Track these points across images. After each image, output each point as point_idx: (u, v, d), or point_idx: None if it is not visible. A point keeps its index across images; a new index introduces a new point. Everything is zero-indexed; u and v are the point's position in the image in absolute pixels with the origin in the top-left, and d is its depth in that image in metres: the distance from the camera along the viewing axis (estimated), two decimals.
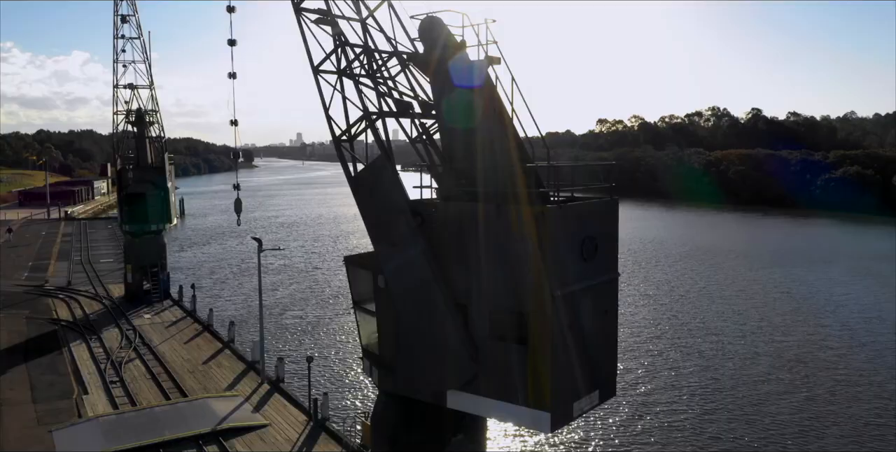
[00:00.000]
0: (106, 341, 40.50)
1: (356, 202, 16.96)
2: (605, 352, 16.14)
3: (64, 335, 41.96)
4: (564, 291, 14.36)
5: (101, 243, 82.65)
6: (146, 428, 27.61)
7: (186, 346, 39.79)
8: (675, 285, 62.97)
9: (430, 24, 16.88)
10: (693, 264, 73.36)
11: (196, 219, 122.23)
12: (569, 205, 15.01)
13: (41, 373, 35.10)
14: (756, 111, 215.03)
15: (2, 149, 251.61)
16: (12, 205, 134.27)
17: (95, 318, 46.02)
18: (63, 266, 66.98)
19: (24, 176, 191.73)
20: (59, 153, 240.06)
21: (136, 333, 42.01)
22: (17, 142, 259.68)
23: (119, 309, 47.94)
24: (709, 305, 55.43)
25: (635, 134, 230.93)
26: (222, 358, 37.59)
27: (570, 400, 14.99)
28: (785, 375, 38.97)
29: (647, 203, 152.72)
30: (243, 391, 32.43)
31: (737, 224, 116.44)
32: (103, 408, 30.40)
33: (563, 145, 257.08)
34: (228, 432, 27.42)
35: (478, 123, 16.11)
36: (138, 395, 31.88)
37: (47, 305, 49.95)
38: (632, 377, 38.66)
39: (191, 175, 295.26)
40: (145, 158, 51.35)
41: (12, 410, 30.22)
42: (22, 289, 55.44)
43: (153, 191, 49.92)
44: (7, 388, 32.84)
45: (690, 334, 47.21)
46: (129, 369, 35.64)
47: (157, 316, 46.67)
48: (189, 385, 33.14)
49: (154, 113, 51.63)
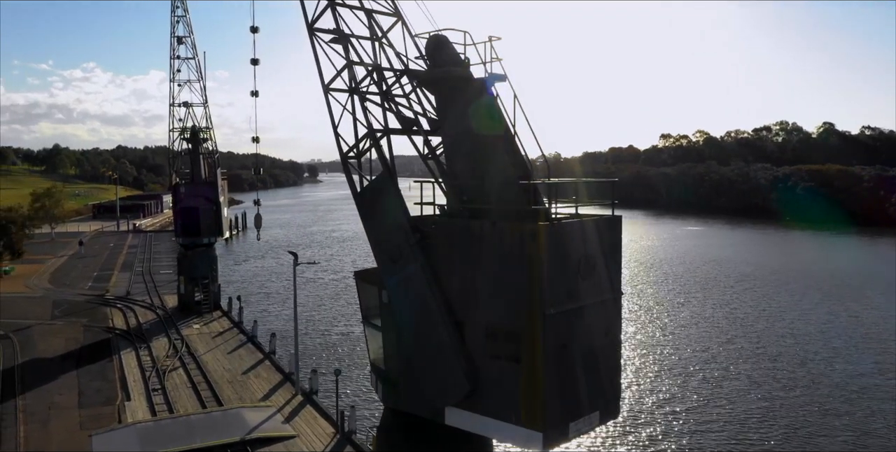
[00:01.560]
0: (154, 349, 41.88)
1: (360, 217, 17.26)
2: (606, 373, 15.86)
3: (116, 343, 43.59)
4: (558, 310, 14.23)
5: (162, 255, 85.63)
6: (179, 435, 28.41)
7: (229, 356, 40.80)
8: (734, 307, 61.09)
9: (436, 42, 17.11)
10: (753, 285, 70.95)
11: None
12: (563, 223, 14.89)
13: (90, 379, 36.56)
14: (828, 125, 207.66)
15: (81, 165, 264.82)
16: (86, 218, 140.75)
17: (148, 327, 47.68)
18: (125, 276, 69.77)
19: (100, 190, 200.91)
20: (133, 168, 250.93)
21: (183, 342, 43.31)
22: (96, 157, 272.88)
23: (171, 319, 49.54)
24: (767, 328, 53.51)
25: (700, 149, 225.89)
26: (261, 368, 38.38)
27: (565, 420, 14.79)
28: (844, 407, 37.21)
29: (710, 220, 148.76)
30: (277, 402, 33.01)
31: (803, 243, 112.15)
32: (142, 415, 31.43)
33: (626, 161, 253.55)
34: (256, 442, 27.94)
35: (478, 141, 16.20)
36: (177, 403, 32.84)
37: (105, 314, 52.03)
38: (664, 400, 37.63)
39: (257, 189, 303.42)
40: (199, 174, 53.21)
41: (59, 414, 31.57)
42: (84, 299, 57.96)
43: (205, 205, 51.61)
44: (57, 393, 34.34)
45: (743, 358, 45.66)
46: (172, 377, 36.75)
47: (205, 327, 48.05)
48: (226, 395, 33.94)
49: (207, 130, 53.53)
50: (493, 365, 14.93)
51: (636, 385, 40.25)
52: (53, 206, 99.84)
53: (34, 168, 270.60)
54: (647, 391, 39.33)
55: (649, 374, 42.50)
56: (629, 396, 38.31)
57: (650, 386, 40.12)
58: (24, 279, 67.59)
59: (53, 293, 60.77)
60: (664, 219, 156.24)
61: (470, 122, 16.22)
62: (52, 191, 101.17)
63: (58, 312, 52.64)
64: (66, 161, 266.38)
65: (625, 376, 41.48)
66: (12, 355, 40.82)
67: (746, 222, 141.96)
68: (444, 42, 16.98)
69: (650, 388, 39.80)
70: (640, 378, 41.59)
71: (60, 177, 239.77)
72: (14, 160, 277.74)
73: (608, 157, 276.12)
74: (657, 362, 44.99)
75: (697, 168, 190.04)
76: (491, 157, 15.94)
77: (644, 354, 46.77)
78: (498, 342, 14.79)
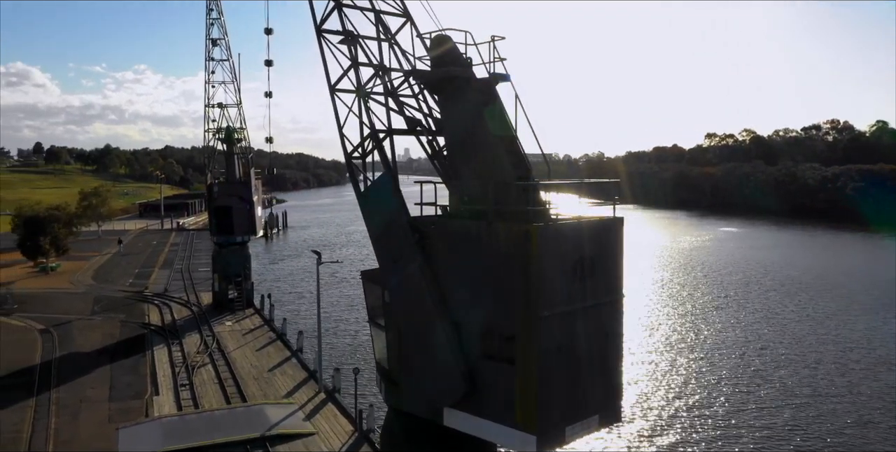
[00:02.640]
0: (186, 345, 42.79)
1: (363, 217, 17.34)
2: (606, 376, 15.62)
3: (150, 338, 44.68)
4: (553, 312, 14.06)
5: (203, 253, 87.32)
6: (202, 430, 28.94)
7: (257, 354, 41.43)
8: (774, 312, 59.60)
9: (440, 42, 17.07)
10: (797, 289, 69.09)
11: (297, 232, 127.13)
12: (559, 224, 14.69)
13: (122, 374, 37.55)
14: (881, 124, 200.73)
15: (131, 165, 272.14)
16: (133, 216, 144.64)
17: (182, 324, 48.74)
18: (164, 274, 71.46)
19: (148, 189, 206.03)
20: (180, 167, 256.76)
21: (214, 339, 44.13)
22: (144, 157, 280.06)
23: (205, 316, 50.52)
24: (807, 334, 52.08)
25: (746, 148, 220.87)
26: (287, 366, 38.88)
27: (561, 424, 14.61)
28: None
29: (755, 221, 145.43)
30: (300, 399, 33.39)
31: (853, 245, 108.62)
32: (169, 409, 32.14)
33: (669, 160, 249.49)
34: (276, 438, 28.29)
35: (478, 141, 16.11)
36: (202, 398, 33.49)
37: (142, 310, 53.35)
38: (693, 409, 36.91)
39: (300, 189, 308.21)
40: (233, 173, 54.17)
41: (90, 407, 32.49)
42: (124, 295, 59.54)
43: (239, 204, 52.50)
44: (90, 387, 35.35)
45: (779, 365, 44.54)
46: (201, 373, 37.49)
47: (237, 324, 48.90)
48: (251, 391, 34.47)
49: (241, 130, 54.46)
50: (488, 366, 14.84)
51: (663, 390, 39.59)
52: (100, 205, 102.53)
53: (86, 167, 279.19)
54: (674, 397, 38.64)
55: (678, 379, 41.74)
56: (655, 402, 37.71)
57: (678, 392, 39.40)
58: (69, 275, 69.75)
59: (95, 289, 62.57)
60: (707, 219, 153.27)
61: (470, 122, 16.15)
62: (98, 189, 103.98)
63: (97, 308, 54.18)
64: (115, 161, 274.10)
65: (653, 381, 40.88)
66: (52, 349, 42.17)
67: (794, 223, 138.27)
68: (447, 42, 16.93)
69: (677, 394, 39.09)
70: (669, 383, 40.89)
71: (111, 176, 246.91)
72: (68, 160, 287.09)
73: (651, 157, 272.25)
74: (687, 366, 44.16)
75: (743, 167, 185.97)
76: (490, 158, 15.83)
77: (674, 359, 45.97)
78: (493, 343, 14.70)
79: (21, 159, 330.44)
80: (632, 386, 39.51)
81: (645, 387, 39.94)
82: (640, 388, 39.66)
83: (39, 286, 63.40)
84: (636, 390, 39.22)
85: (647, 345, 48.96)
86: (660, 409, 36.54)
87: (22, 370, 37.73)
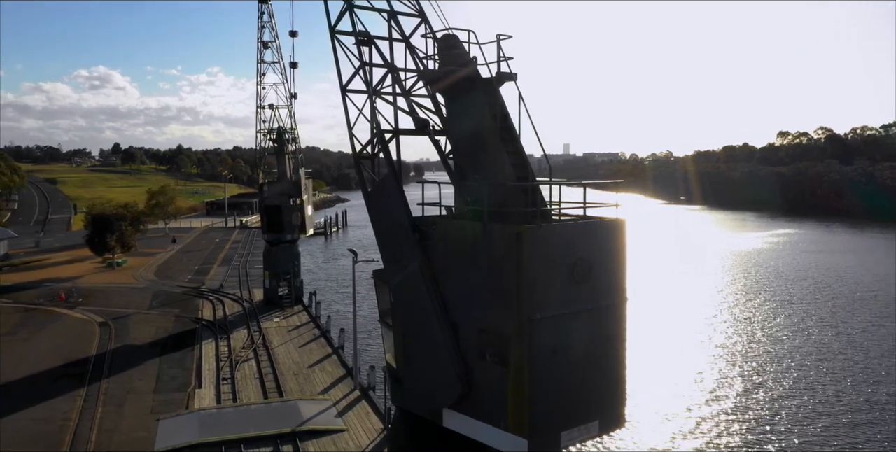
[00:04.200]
0: (233, 341, 43.98)
1: (369, 217, 17.46)
2: (607, 381, 15.24)
3: (201, 333, 46.10)
4: (546, 314, 13.83)
5: (261, 251, 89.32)
6: (236, 424, 29.73)
7: (300, 350, 42.21)
8: (842, 320, 57.12)
9: (447, 41, 17.00)
10: (871, 296, 65.98)
11: (355, 231, 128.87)
12: (553, 225, 14.41)
13: (170, 367, 38.85)
14: None
15: (202, 164, 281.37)
16: (200, 214, 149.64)
17: (232, 319, 50.11)
18: (222, 270, 73.59)
19: (217, 188, 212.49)
20: (248, 167, 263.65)
21: (260, 335, 45.22)
22: (215, 157, 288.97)
23: (254, 312, 51.80)
24: (876, 345, 49.73)
25: (821, 147, 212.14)
26: (327, 363, 39.47)
27: (556, 428, 14.34)
28: None
29: (828, 222, 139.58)
30: (335, 395, 33.87)
31: None
32: (208, 402, 33.10)
33: (739, 159, 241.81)
34: (306, 433, 28.80)
35: (480, 141, 15.97)
36: (241, 392, 34.35)
37: (196, 305, 55.09)
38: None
39: None
40: (284, 173, 55.35)
41: (136, 398, 33.75)
42: (181, 291, 61.62)
43: (288, 203, 53.61)
44: (137, 378, 36.73)
45: (841, 377, 42.69)
46: (243, 368, 38.45)
47: (284, 320, 49.94)
48: (289, 387, 35.15)
49: (292, 131, 55.59)
50: (483, 367, 14.70)
51: (713, 399, 38.48)
52: (167, 203, 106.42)
53: (160, 167, 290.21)
54: (728, 410, 37.49)
55: (730, 390, 40.48)
56: (702, 411, 36.68)
57: (730, 403, 38.22)
58: (134, 271, 72.62)
59: (156, 284, 64.97)
60: (778, 220, 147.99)
61: (473, 122, 16.03)
62: (165, 188, 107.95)
63: (155, 302, 56.24)
64: (187, 161, 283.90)
65: (700, 389, 39.75)
66: (108, 341, 44.02)
67: (871, 226, 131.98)
68: (454, 41, 16.84)
69: (732, 405, 37.92)
70: (719, 393, 39.71)
71: (183, 175, 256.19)
72: (143, 159, 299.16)
73: (720, 156, 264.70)
74: (735, 375, 42.77)
75: (816, 167, 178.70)
76: (491, 158, 15.68)
77: (725, 367, 44.60)
78: (488, 344, 14.54)
79: (101, 159, 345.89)
80: (679, 393, 38.55)
81: (691, 395, 38.89)
82: (684, 395, 38.63)
83: (104, 281, 66.24)
84: (684, 396, 38.24)
85: (700, 352, 47.65)
86: (710, 419, 35.53)
87: (78, 360, 39.49)
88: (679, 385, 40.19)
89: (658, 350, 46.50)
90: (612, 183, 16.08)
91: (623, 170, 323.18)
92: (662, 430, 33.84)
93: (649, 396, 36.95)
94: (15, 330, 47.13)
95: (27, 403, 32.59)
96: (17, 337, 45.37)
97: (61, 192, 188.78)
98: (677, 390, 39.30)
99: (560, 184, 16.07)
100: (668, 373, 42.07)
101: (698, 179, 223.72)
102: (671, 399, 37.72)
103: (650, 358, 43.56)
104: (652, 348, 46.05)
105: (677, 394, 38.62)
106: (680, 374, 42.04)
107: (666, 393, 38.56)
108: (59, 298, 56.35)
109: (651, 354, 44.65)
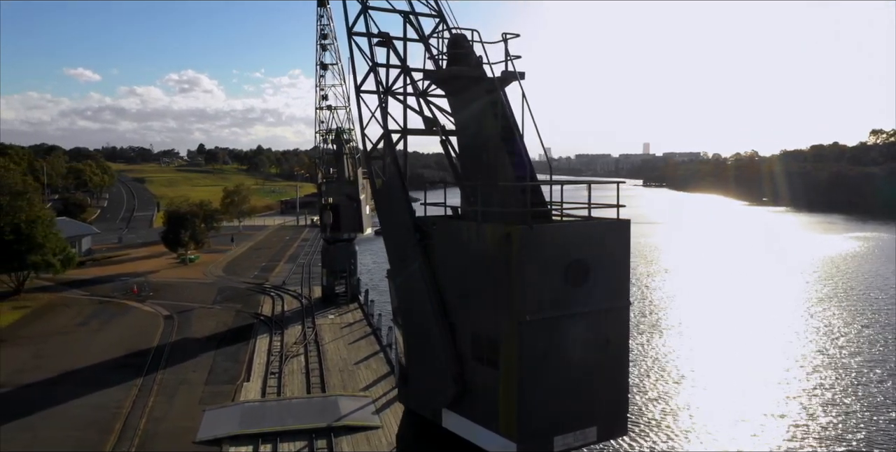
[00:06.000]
0: (287, 336, 45.12)
1: (377, 216, 17.63)
2: (607, 386, 14.87)
3: (257, 328, 47.52)
4: (537, 317, 13.62)
5: None
6: (276, 417, 30.49)
7: (349, 347, 42.90)
8: None
9: (455, 41, 16.97)
10: None
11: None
12: (545, 226, 14.14)
13: (223, 360, 40.19)
14: None
15: (280, 164, 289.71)
16: (275, 213, 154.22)
17: (289, 315, 51.42)
18: (287, 267, 75.62)
19: (293, 187, 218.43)
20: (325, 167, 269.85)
21: (313, 331, 46.20)
22: (293, 157, 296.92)
23: (311, 309, 52.97)
24: None
25: None
26: (373, 360, 39.95)
27: (548, 433, 14.11)
28: None
29: None
30: (375, 392, 34.25)
31: None
32: (254, 395, 34.06)
33: (828, 159, 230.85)
34: (341, 429, 29.23)
35: (481, 141, 15.87)
36: (286, 387, 35.19)
37: (258, 301, 56.79)
38: None
39: (438, 188, 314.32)
40: (343, 173, 56.38)
41: (187, 389, 35.06)
42: (246, 287, 63.66)
43: (346, 202, 54.57)
44: (191, 370, 38.16)
45: None
46: (292, 363, 39.37)
47: (339, 317, 50.86)
48: (332, 383, 35.78)
49: (350, 131, 56.57)
50: (478, 369, 14.61)
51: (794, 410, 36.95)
52: (241, 202, 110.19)
53: (241, 166, 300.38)
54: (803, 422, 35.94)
55: (793, 396, 38.78)
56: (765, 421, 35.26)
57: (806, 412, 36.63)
58: (204, 267, 75.47)
59: (223, 280, 67.34)
60: (869, 223, 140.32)
61: (476, 122, 15.94)
62: (239, 188, 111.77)
63: (219, 297, 58.28)
64: (265, 160, 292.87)
65: (763, 397, 38.22)
66: (169, 334, 45.95)
67: None
68: (461, 41, 16.78)
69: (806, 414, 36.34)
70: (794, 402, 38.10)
71: (263, 175, 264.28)
72: (226, 159, 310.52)
73: (808, 156, 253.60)
74: (808, 389, 40.90)
75: None
76: (492, 158, 15.55)
77: (795, 378, 42.72)
78: (481, 346, 14.44)
79: (188, 159, 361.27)
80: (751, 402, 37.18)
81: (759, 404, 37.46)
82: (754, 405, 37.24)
83: (175, 276, 69.16)
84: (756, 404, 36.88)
85: (774, 360, 45.84)
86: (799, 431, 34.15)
87: (139, 351, 41.37)
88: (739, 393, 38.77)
89: (733, 357, 44.94)
90: (615, 181, 15.60)
91: (703, 170, 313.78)
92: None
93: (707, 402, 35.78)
94: (88, 321, 49.81)
95: (88, 390, 34.39)
96: (89, 328, 47.95)
97: (148, 191, 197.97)
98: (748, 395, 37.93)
99: (562, 184, 15.77)
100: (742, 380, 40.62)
101: (784, 180, 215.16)
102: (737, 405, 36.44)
103: (720, 365, 42.15)
104: (725, 355, 44.54)
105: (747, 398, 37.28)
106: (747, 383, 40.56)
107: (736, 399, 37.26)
108: (131, 292, 59.22)
109: (721, 362, 43.19)
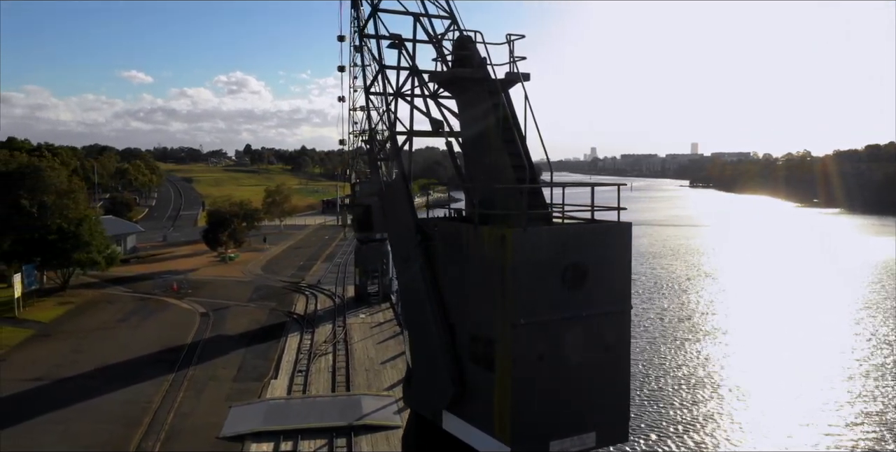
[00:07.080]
0: (317, 335, 45.62)
1: (385, 217, 17.72)
2: (607, 391, 14.69)
3: (289, 326, 48.19)
4: (532, 320, 13.53)
5: None
6: (299, 415, 30.83)
7: (378, 346, 43.17)
8: None
9: (461, 42, 16.97)
10: None
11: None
12: (541, 228, 14.02)
13: (253, 357, 40.86)
14: None
15: (324, 164, 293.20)
16: (316, 212, 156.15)
17: (321, 314, 51.97)
18: (324, 267, 76.46)
19: (334, 187, 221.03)
20: (365, 167, 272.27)
21: (343, 330, 46.63)
22: (336, 157, 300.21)
23: (343, 308, 53.46)
24: None
25: None
26: (400, 360, 40.03)
27: (544, 437, 14.00)
28: None
29: None
30: (399, 392, 34.34)
31: None
32: (280, 393, 34.53)
33: (884, 159, 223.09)
34: (361, 428, 29.41)
35: (483, 143, 15.83)
36: (311, 385, 35.58)
37: (292, 300, 57.57)
38: None
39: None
40: (375, 173, 56.66)
41: (215, 386, 35.75)
42: (282, 285, 64.60)
43: (378, 203, 54.80)
44: (221, 367, 38.89)
45: None
46: (320, 361, 39.79)
47: (370, 317, 51.20)
48: (357, 382, 36.06)
49: (383, 131, 56.70)
50: (474, 371, 14.59)
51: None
52: (283, 201, 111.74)
53: (286, 167, 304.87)
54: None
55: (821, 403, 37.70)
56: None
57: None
58: (243, 265, 76.82)
59: (260, 279, 68.47)
60: None
61: (479, 124, 15.90)
62: (281, 187, 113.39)
63: (255, 296, 59.27)
64: (309, 160, 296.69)
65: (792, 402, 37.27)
66: (204, 330, 46.90)
67: None
68: (467, 43, 16.75)
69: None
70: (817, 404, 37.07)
71: (306, 175, 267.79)
72: (271, 160, 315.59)
73: (863, 155, 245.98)
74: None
75: None
76: (493, 159, 15.49)
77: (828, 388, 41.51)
78: (478, 348, 14.41)
79: (235, 160, 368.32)
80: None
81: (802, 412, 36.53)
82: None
83: (215, 274, 70.57)
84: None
85: (815, 369, 44.67)
86: None
87: (173, 348, 42.32)
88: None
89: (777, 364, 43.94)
90: (616, 184, 15.38)
91: (751, 170, 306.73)
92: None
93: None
94: (128, 317, 51.19)
95: (121, 385, 35.32)
96: (128, 324, 49.27)
97: (194, 190, 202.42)
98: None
99: (563, 186, 15.60)
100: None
101: (837, 180, 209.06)
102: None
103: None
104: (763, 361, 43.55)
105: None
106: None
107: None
108: (171, 289, 60.64)
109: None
